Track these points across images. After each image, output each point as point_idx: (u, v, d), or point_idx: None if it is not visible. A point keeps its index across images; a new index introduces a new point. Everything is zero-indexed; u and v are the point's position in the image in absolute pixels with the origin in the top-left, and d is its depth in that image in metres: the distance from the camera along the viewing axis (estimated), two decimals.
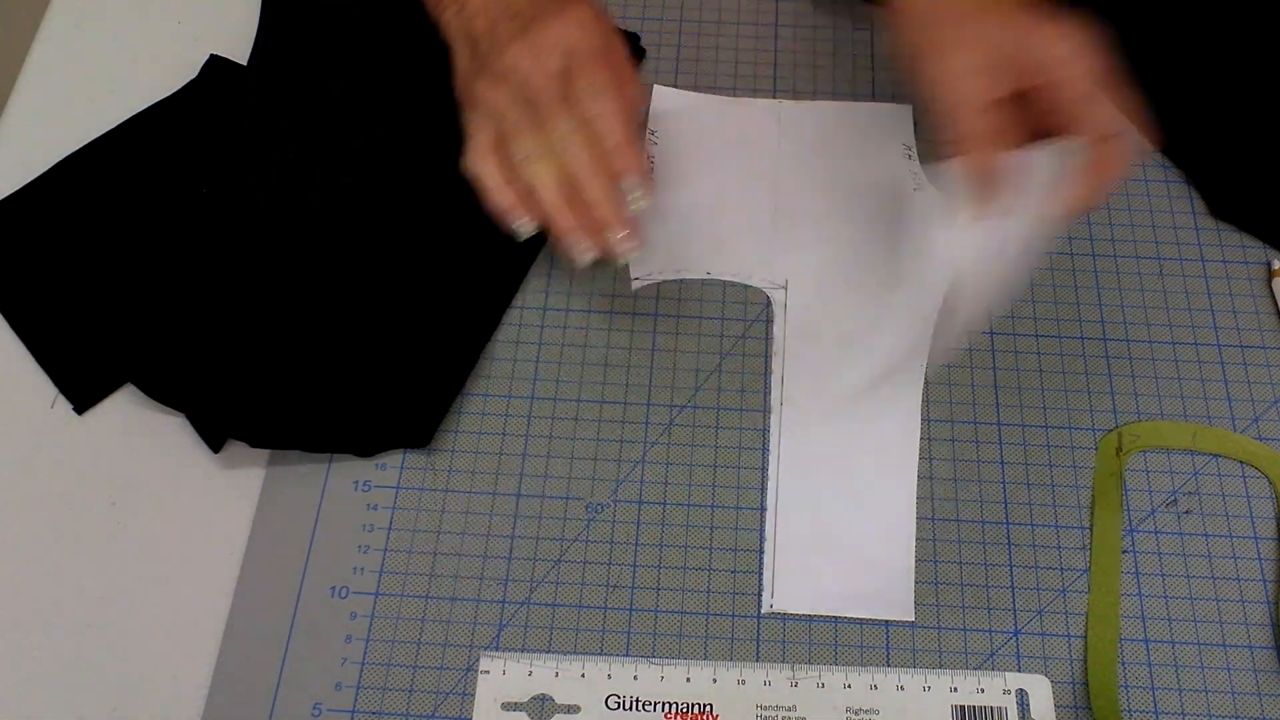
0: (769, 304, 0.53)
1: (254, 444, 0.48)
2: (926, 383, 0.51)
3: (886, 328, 0.51)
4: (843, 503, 0.48)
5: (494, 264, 0.53)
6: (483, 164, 0.48)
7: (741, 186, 0.56)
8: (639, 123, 0.52)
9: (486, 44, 0.50)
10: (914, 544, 0.47)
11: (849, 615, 0.45)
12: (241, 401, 0.48)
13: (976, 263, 0.46)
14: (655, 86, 0.59)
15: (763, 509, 0.48)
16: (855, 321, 0.52)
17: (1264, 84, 0.58)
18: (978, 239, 0.45)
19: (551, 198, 0.47)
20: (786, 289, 0.53)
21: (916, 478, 0.48)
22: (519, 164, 0.47)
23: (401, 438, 0.49)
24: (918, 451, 0.49)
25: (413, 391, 0.49)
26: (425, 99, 0.55)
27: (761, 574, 0.47)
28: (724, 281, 0.54)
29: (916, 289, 0.52)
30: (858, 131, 0.57)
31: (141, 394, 0.49)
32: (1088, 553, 0.47)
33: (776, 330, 0.52)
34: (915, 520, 0.47)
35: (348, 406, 0.49)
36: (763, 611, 0.46)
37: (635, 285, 0.53)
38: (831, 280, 0.53)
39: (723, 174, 0.57)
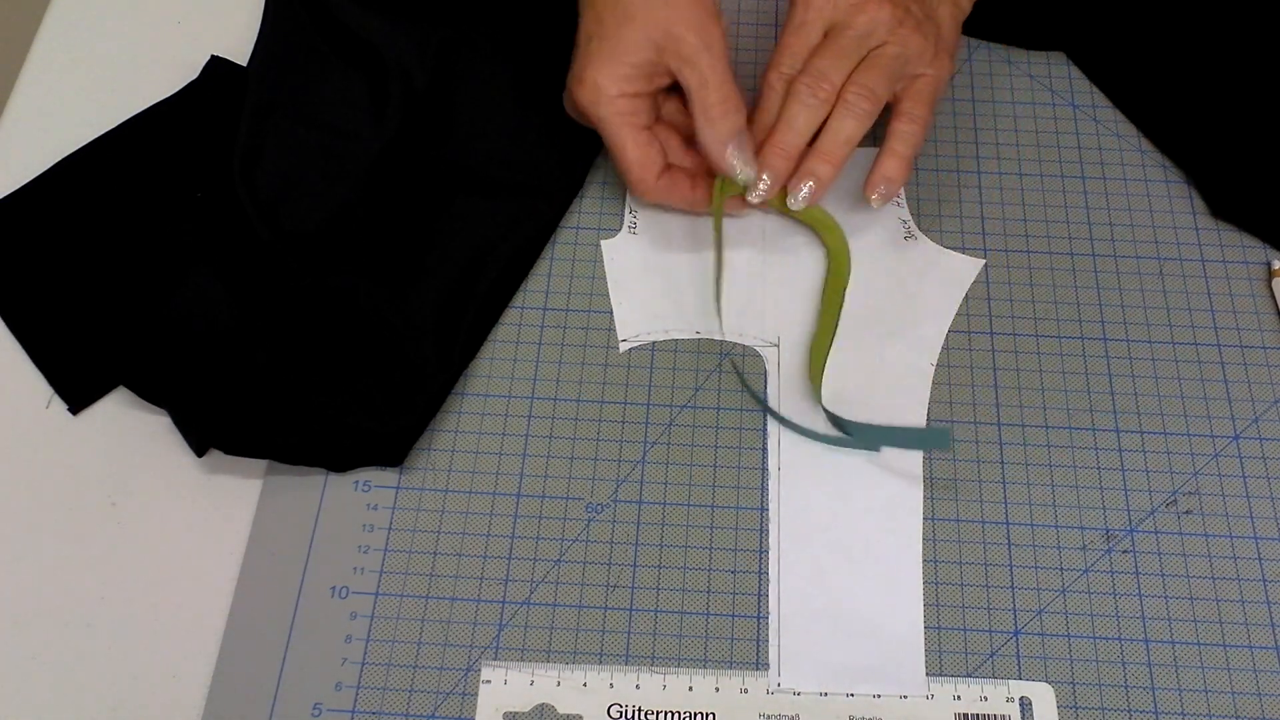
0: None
1: (229, 451, 0.47)
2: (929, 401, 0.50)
3: (882, 383, 0.50)
4: (847, 571, 0.46)
5: (480, 287, 0.52)
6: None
7: (729, 241, 0.54)
8: None
9: None
10: (922, 613, 0.45)
11: (859, 691, 0.44)
12: (219, 408, 0.48)
13: None
14: None
15: (763, 552, 0.48)
16: (850, 378, 0.50)
17: (1264, 84, 0.58)
18: None
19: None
20: (779, 346, 0.52)
21: (922, 540, 0.47)
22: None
23: (375, 456, 0.48)
24: (921, 512, 0.47)
25: (388, 411, 0.49)
26: (420, 112, 0.55)
27: (762, 644, 0.45)
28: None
29: (911, 342, 0.52)
30: (847, 180, 0.55)
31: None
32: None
33: (770, 390, 0.51)
34: (922, 585, 0.46)
35: (322, 421, 0.48)
36: (769, 690, 0.44)
37: (624, 347, 0.52)
38: None
39: (709, 228, 0.54)
